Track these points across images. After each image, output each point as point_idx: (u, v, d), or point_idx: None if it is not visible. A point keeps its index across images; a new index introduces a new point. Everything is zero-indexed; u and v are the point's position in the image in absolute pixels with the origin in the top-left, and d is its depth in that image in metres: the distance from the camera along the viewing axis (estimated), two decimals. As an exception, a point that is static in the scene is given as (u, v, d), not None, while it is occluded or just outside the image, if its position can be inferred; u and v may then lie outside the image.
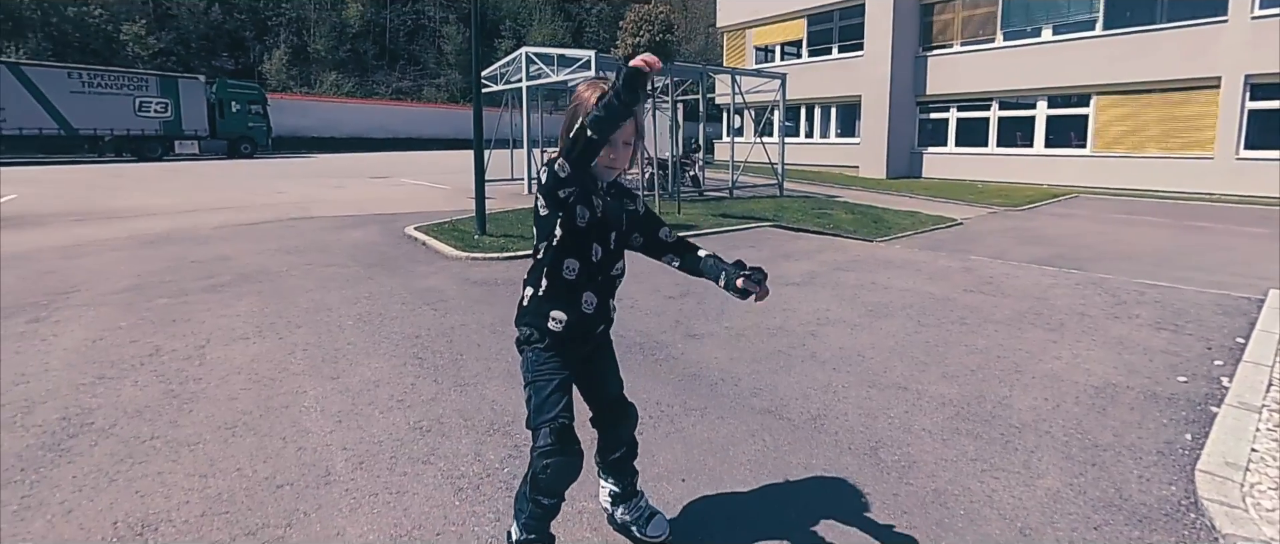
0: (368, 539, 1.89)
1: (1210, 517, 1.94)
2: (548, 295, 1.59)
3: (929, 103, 18.70)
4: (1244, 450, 2.31)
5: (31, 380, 3.06)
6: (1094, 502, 2.08)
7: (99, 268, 5.54)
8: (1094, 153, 15.82)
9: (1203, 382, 3.10)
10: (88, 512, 2.01)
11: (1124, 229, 9.02)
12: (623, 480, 1.84)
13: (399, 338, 3.70)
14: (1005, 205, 11.89)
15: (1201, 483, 2.11)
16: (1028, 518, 2.00)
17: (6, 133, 20.61)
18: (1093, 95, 15.75)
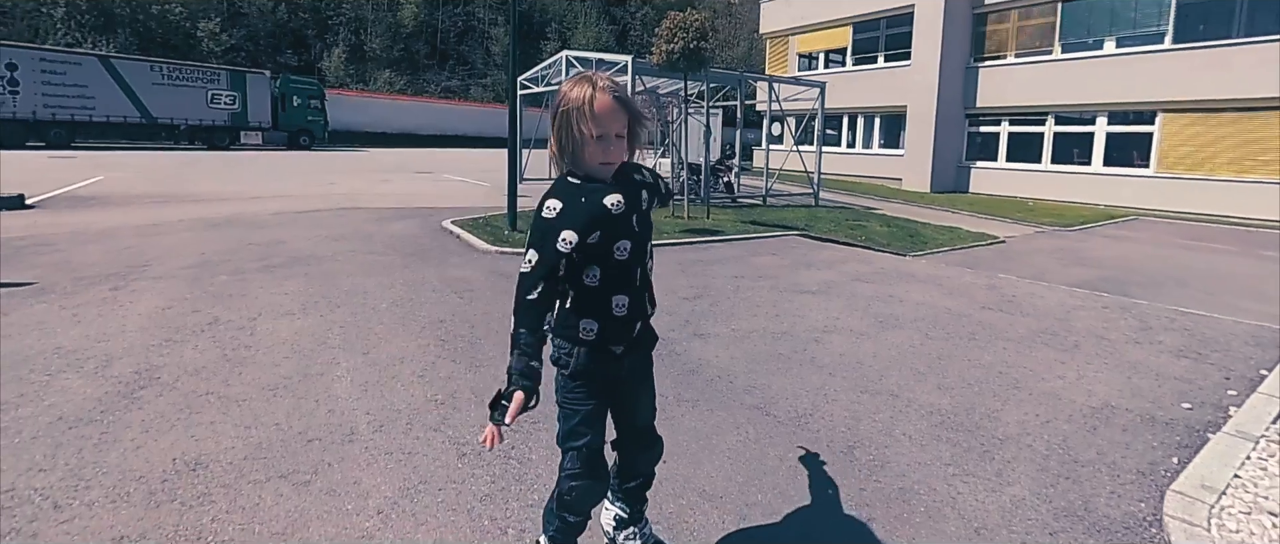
0: (380, 488, 2.15)
1: (1168, 533, 2.00)
2: (574, 306, 1.50)
3: (979, 115, 18.22)
4: (1226, 475, 2.33)
5: (111, 340, 3.49)
6: (1057, 511, 2.16)
7: (171, 246, 6.10)
8: (1158, 173, 15.10)
9: (1209, 410, 3.08)
10: (152, 449, 2.35)
11: (1183, 254, 8.61)
12: (632, 507, 1.78)
13: (426, 321, 4.01)
14: (1056, 225, 11.49)
15: (1170, 502, 2.16)
16: (986, 520, 2.10)
17: (96, 120, 22.39)
18: (1158, 112, 15.05)
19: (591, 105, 1.41)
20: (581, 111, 1.42)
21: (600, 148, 1.44)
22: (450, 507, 2.08)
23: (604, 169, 1.48)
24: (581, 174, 1.48)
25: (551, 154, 1.51)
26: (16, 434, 2.43)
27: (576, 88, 1.44)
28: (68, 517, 1.96)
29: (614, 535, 1.80)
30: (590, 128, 1.41)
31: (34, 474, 2.17)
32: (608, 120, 1.42)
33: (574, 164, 1.48)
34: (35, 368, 3.06)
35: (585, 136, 1.43)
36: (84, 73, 22.03)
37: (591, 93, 1.42)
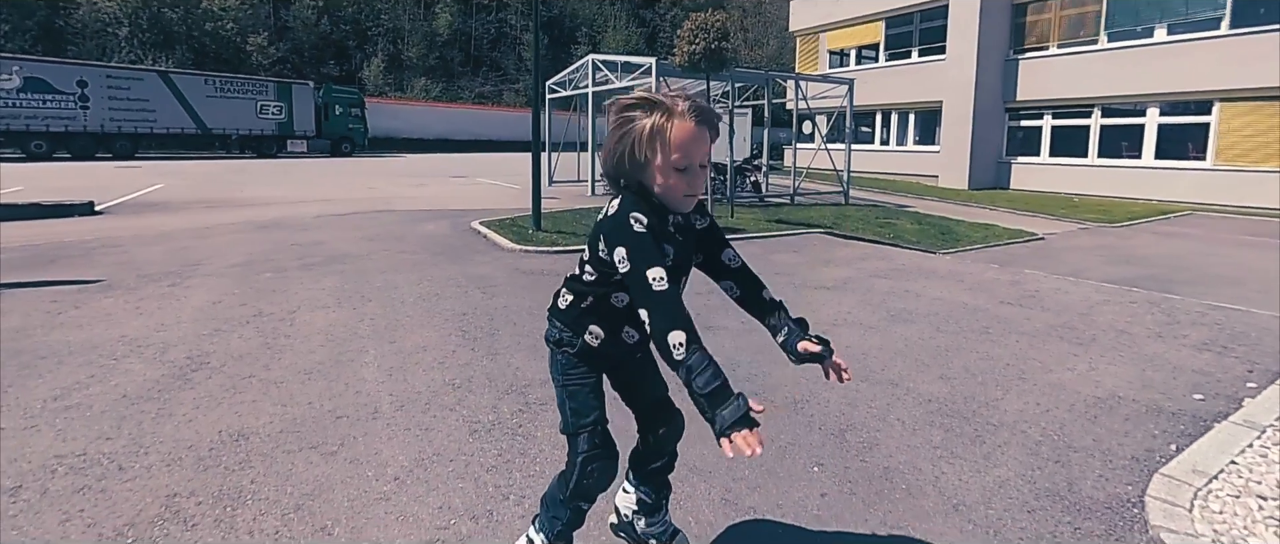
0: (397, 459, 2.36)
1: (1147, 512, 2.03)
2: (590, 310, 1.47)
3: (1019, 109, 17.68)
4: (1221, 461, 2.34)
5: (168, 329, 3.83)
6: (1040, 491, 2.22)
7: (221, 246, 6.55)
8: (1215, 166, 14.37)
9: (1221, 401, 3.04)
10: (201, 423, 2.62)
11: (1239, 251, 8.20)
12: (656, 491, 1.71)
13: (449, 314, 4.25)
14: (1101, 221, 11.07)
15: (1155, 484, 2.19)
16: (965, 497, 2.17)
17: (157, 132, 23.85)
18: (1215, 102, 14.33)
19: (676, 133, 1.24)
20: (663, 140, 1.25)
21: (685, 180, 1.28)
22: (459, 475, 2.27)
23: (687, 203, 1.34)
24: (655, 203, 1.32)
25: (604, 174, 1.37)
26: (88, 408, 2.74)
27: (654, 113, 1.26)
28: (130, 476, 2.23)
29: (631, 519, 1.74)
30: (674, 158, 1.26)
31: (102, 441, 2.46)
32: (694, 149, 1.26)
33: (641, 194, 1.33)
34: (104, 353, 3.41)
35: (666, 167, 1.27)
36: (146, 88, 23.50)
37: (673, 119, 1.25)
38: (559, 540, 1.58)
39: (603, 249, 1.32)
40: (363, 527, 1.98)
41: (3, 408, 2.72)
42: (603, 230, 1.33)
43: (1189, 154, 14.90)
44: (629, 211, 1.28)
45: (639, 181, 1.32)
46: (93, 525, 1.95)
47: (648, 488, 1.71)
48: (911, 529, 1.99)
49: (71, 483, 2.18)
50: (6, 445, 2.42)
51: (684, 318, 1.19)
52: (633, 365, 1.59)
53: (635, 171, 1.30)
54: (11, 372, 3.14)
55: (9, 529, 1.93)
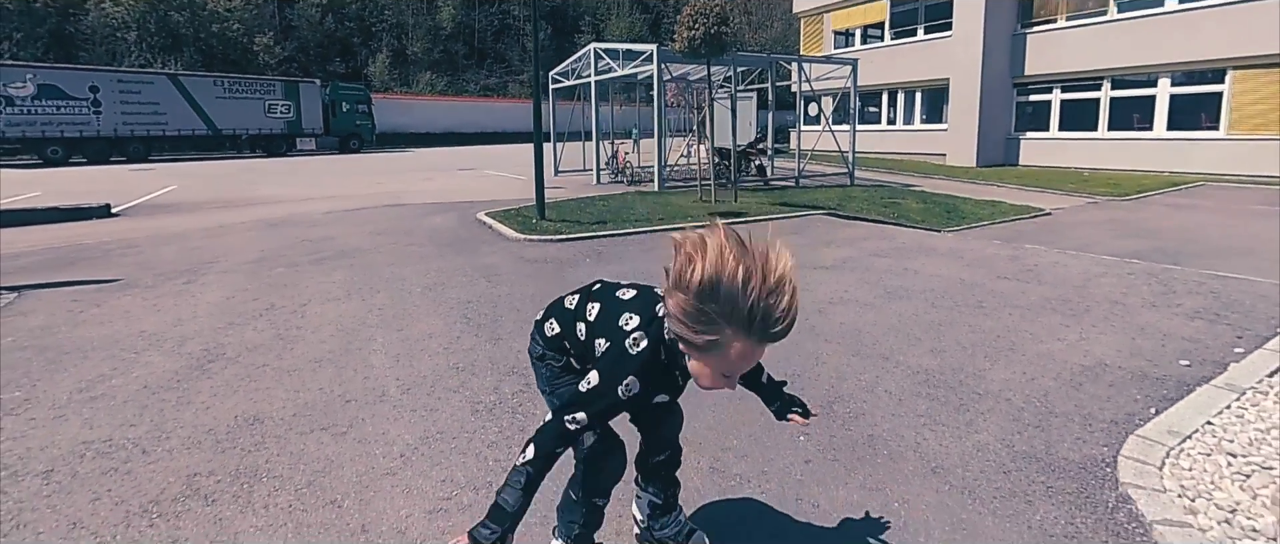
0: (403, 438, 2.49)
1: (1118, 471, 2.11)
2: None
3: (1028, 84, 17.46)
4: (1196, 423, 2.40)
5: (184, 324, 3.99)
6: (1017, 454, 2.30)
7: (234, 245, 6.73)
8: (1229, 136, 14.14)
9: (1208, 367, 3.09)
10: (219, 409, 2.77)
11: (1253, 222, 8.06)
12: (665, 490, 1.70)
13: (454, 302, 4.37)
14: (1111, 195, 10.94)
15: (1129, 445, 2.26)
16: (944, 460, 2.26)
17: (169, 134, 24.21)
18: (1229, 69, 14.06)
19: (737, 352, 1.12)
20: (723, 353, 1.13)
21: (722, 381, 1.20)
22: (462, 451, 2.39)
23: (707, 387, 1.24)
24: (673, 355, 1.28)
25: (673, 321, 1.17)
26: (112, 398, 2.90)
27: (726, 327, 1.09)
28: (154, 459, 2.37)
29: (649, 525, 1.72)
30: (724, 368, 1.17)
31: (126, 428, 2.62)
32: (746, 364, 1.17)
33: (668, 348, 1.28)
34: (124, 347, 3.57)
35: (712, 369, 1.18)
36: (156, 91, 23.83)
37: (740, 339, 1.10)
38: (580, 542, 1.57)
39: (598, 348, 1.38)
40: (371, 500, 2.10)
41: (33, 400, 2.89)
42: (606, 353, 1.33)
43: (1202, 124, 14.66)
44: (628, 374, 1.25)
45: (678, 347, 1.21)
46: (120, 503, 2.10)
47: (655, 488, 1.70)
48: (888, 492, 2.08)
49: (99, 466, 2.33)
50: (38, 435, 2.57)
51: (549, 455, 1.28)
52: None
53: (689, 354, 1.20)
54: (39, 367, 3.30)
55: (44, 508, 2.08)
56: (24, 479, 2.25)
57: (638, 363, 1.26)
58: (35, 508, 2.07)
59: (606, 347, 1.36)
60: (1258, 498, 1.93)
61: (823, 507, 2.01)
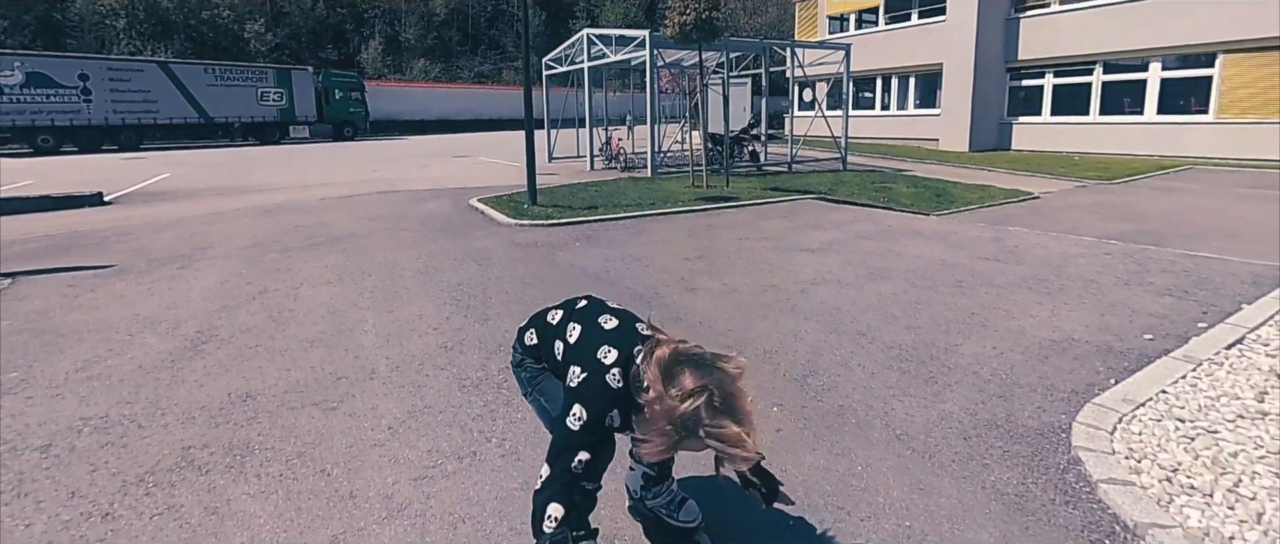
0: (392, 412, 2.58)
1: (1072, 436, 2.21)
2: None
3: (1021, 68, 17.48)
4: (1151, 391, 2.50)
5: (179, 307, 4.07)
6: (979, 422, 2.40)
7: (228, 231, 6.77)
8: (1218, 119, 14.23)
9: (1171, 340, 3.19)
10: (212, 388, 2.85)
11: (1239, 205, 8.13)
12: (658, 463, 1.71)
13: (445, 285, 4.45)
14: (1100, 179, 10.99)
15: (1085, 412, 2.36)
16: (909, 428, 2.36)
17: (160, 122, 24.04)
18: (1219, 53, 14.12)
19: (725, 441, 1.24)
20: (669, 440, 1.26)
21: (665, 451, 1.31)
22: (448, 424, 2.49)
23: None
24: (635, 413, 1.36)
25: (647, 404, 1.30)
26: (108, 378, 2.98)
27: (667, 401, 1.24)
28: (149, 433, 2.46)
29: (642, 495, 1.77)
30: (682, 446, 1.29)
31: (122, 405, 2.70)
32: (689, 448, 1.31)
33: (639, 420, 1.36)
34: (119, 330, 3.65)
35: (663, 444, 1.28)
36: (147, 79, 23.61)
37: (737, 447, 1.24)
38: (574, 525, 1.50)
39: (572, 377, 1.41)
40: (359, 469, 2.20)
41: (30, 380, 2.97)
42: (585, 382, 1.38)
43: (1191, 108, 14.74)
44: (614, 406, 1.36)
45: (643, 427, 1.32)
46: (117, 474, 2.19)
47: (647, 464, 1.73)
48: (854, 457, 2.19)
49: (96, 440, 2.42)
50: (36, 412, 2.66)
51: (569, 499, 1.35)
52: None
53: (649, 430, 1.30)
54: (36, 349, 3.38)
55: (44, 479, 2.17)
56: (23, 453, 2.33)
57: (620, 398, 1.35)
58: (35, 479, 2.16)
59: (583, 377, 1.39)
60: (1199, 458, 2.04)
61: (790, 471, 2.11)
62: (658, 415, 1.25)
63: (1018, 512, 1.88)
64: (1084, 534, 1.78)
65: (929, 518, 1.87)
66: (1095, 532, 1.79)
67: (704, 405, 1.21)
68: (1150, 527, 1.74)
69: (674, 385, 1.24)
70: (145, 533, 1.87)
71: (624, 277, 4.62)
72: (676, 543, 1.75)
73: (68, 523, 1.92)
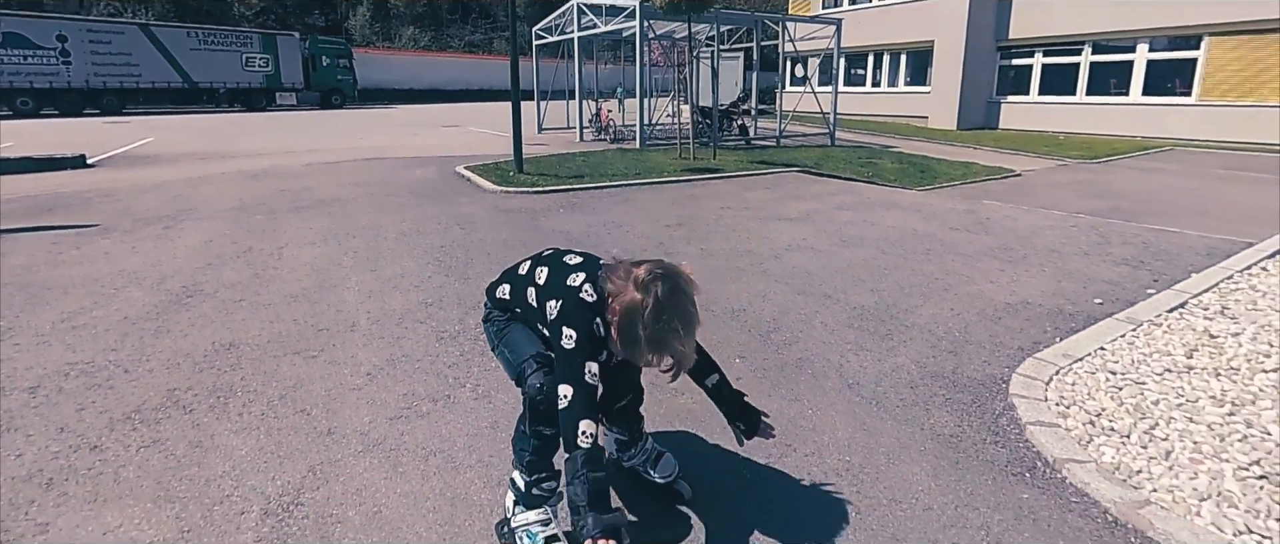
0: (371, 360, 2.69)
1: (1010, 386, 2.36)
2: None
3: (1011, 47, 17.49)
4: (1090, 347, 2.66)
5: (164, 264, 4.12)
6: (927, 373, 2.55)
7: (212, 194, 6.78)
8: (1201, 101, 14.38)
9: (1118, 304, 3.35)
10: (197, 337, 2.94)
11: (1214, 185, 8.30)
12: (629, 428, 1.81)
13: (429, 247, 4.53)
14: (1082, 158, 11.14)
15: (1026, 365, 2.51)
16: (860, 377, 2.50)
17: (143, 86, 23.54)
18: (1204, 36, 14.20)
19: (674, 351, 1.37)
20: (639, 348, 1.37)
21: (647, 366, 1.45)
22: (424, 371, 2.60)
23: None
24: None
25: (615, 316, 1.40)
26: (94, 328, 3.06)
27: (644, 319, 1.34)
28: (135, 378, 2.56)
29: (618, 456, 1.86)
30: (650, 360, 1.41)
31: (108, 352, 2.79)
32: (661, 362, 1.42)
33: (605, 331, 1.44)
34: (105, 284, 3.71)
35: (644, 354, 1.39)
36: (127, 41, 23.05)
37: (679, 344, 1.36)
38: (535, 470, 1.57)
39: (550, 311, 1.46)
40: (338, 409, 2.31)
41: (17, 329, 3.04)
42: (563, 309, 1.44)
43: (1175, 90, 14.88)
44: (595, 316, 1.42)
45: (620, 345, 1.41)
46: (104, 412, 2.29)
47: (619, 428, 1.82)
48: (805, 402, 2.33)
49: (83, 382, 2.51)
50: (22, 358, 2.74)
51: (597, 414, 1.43)
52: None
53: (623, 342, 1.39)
54: (21, 301, 3.44)
55: (32, 416, 2.26)
56: (12, 393, 2.42)
57: (598, 308, 1.42)
58: (24, 416, 2.26)
59: (560, 304, 1.45)
60: (1123, 405, 2.19)
61: (745, 414, 2.24)
62: (620, 313, 1.36)
63: (951, 449, 2.03)
64: (1007, 469, 1.93)
65: (868, 454, 2.01)
66: (1018, 467, 1.94)
67: (661, 289, 1.33)
68: (1067, 461, 1.89)
69: (631, 279, 1.37)
70: (132, 463, 1.98)
71: (604, 241, 4.71)
72: (659, 493, 1.82)
73: (57, 454, 2.03)
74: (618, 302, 1.37)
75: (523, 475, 1.58)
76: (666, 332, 1.34)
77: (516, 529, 1.56)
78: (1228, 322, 2.98)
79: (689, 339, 1.38)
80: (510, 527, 1.59)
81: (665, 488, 1.81)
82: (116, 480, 1.88)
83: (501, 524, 1.65)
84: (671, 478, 1.81)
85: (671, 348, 1.36)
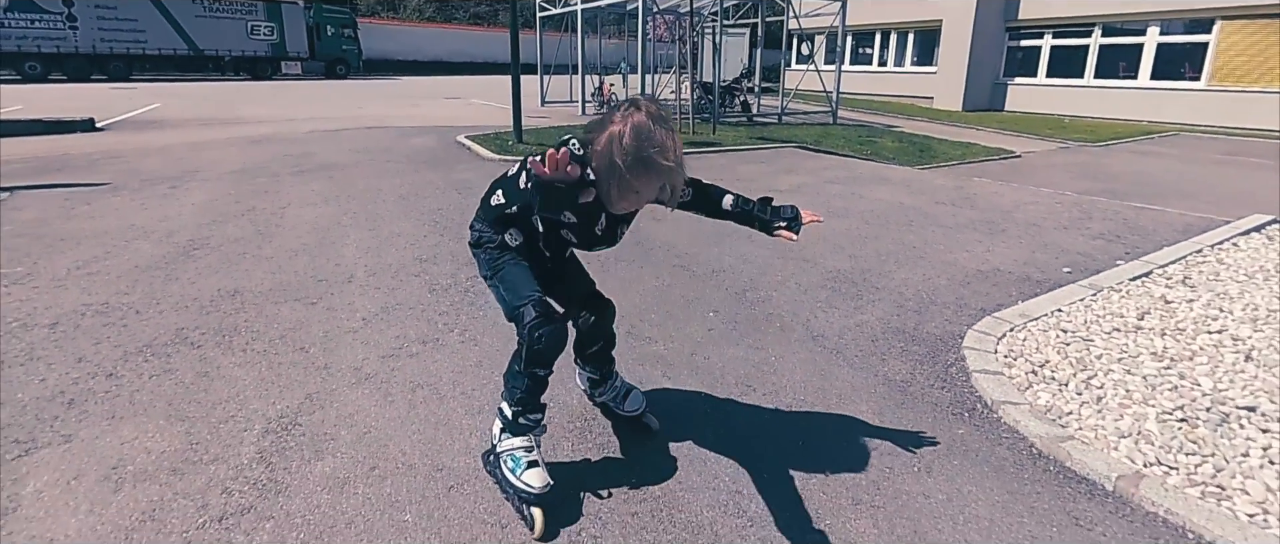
0: (367, 307, 2.85)
1: (964, 340, 2.51)
2: (514, 217, 1.58)
3: (1020, 28, 17.28)
4: (1047, 309, 2.79)
5: (171, 220, 4.29)
6: (889, 329, 2.69)
7: (217, 157, 6.92)
8: (1209, 86, 14.25)
9: (1086, 274, 3.47)
10: (203, 285, 3.11)
11: (1211, 169, 8.28)
12: (600, 369, 1.91)
13: (426, 209, 4.67)
14: (1084, 141, 11.09)
15: (983, 323, 2.66)
16: (824, 330, 2.65)
17: (149, 53, 23.58)
18: (1217, 19, 14.02)
19: (645, 184, 1.38)
20: (631, 186, 1.37)
21: (623, 200, 1.43)
22: (416, 317, 2.76)
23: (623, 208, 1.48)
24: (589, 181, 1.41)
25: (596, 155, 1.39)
26: (106, 275, 3.23)
27: (621, 145, 1.34)
28: (146, 318, 2.73)
29: (591, 392, 2.00)
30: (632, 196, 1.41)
31: (121, 296, 2.96)
32: (645, 189, 1.40)
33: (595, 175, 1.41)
34: (115, 237, 3.88)
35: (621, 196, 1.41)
36: (134, 8, 23.02)
37: (650, 174, 1.36)
38: (525, 404, 1.62)
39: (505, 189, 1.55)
40: (334, 349, 2.48)
41: (35, 275, 3.22)
42: (503, 186, 1.55)
43: (1185, 74, 14.73)
44: (521, 170, 1.45)
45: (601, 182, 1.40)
46: (118, 346, 2.46)
47: (591, 369, 1.92)
48: (769, 351, 2.48)
49: (98, 321, 2.69)
50: (41, 298, 2.91)
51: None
52: (556, 268, 1.73)
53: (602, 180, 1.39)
54: (37, 250, 3.61)
55: (52, 348, 2.44)
56: (33, 329, 2.60)
57: (584, 159, 1.38)
58: (44, 348, 2.44)
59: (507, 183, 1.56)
60: (1067, 358, 2.34)
61: (713, 360, 2.40)
62: (602, 147, 1.36)
63: (899, 393, 2.19)
64: (949, 409, 2.09)
65: (820, 394, 2.17)
66: (958, 408, 2.10)
67: (636, 117, 1.35)
68: (1003, 403, 2.04)
69: (609, 120, 1.39)
70: (145, 388, 2.16)
71: (597, 208, 4.84)
72: (630, 425, 1.96)
73: (76, 380, 2.21)
74: (599, 141, 1.37)
75: (512, 407, 1.63)
76: (647, 149, 1.33)
77: (502, 454, 1.64)
78: (1186, 290, 3.10)
79: (669, 159, 1.36)
80: (496, 452, 1.67)
81: (634, 421, 1.95)
82: (131, 402, 2.06)
83: (488, 454, 1.73)
84: (639, 411, 1.93)
85: (655, 166, 1.35)
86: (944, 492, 1.67)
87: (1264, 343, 2.47)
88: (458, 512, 1.58)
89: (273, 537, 1.48)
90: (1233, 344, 2.46)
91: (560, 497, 1.59)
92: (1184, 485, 1.65)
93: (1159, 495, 1.59)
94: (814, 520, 1.57)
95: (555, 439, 1.89)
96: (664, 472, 1.76)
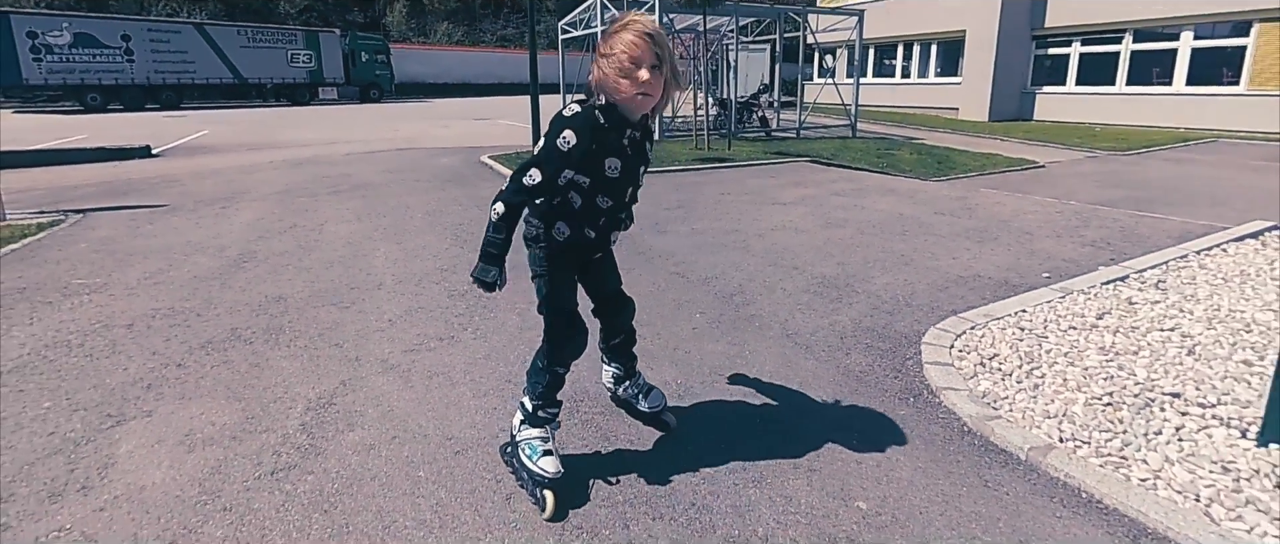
0: (393, 310, 3.23)
1: (922, 339, 2.74)
2: (558, 210, 1.68)
3: (1047, 36, 17.16)
4: (1012, 309, 3.00)
5: (223, 236, 4.79)
6: (860, 329, 2.94)
7: (262, 179, 7.51)
8: (1249, 91, 13.91)
9: (1063, 279, 3.64)
10: (252, 292, 3.54)
11: (1243, 175, 8.05)
12: (624, 363, 2.09)
13: (449, 224, 5.08)
14: (1114, 150, 10.76)
15: (947, 321, 2.88)
16: (798, 328, 2.91)
17: (198, 82, 25.09)
18: (1255, 21, 13.74)
19: (624, 45, 1.51)
20: (615, 56, 1.51)
21: (631, 84, 1.53)
22: (436, 319, 3.13)
23: (643, 104, 1.58)
24: (611, 112, 1.58)
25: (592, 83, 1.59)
26: (171, 284, 3.70)
27: (614, 30, 1.53)
28: (206, 319, 3.15)
29: (614, 389, 2.16)
30: (623, 67, 1.52)
31: (184, 301, 3.41)
32: (641, 57, 1.51)
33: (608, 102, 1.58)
34: (177, 252, 4.38)
35: (618, 75, 1.52)
36: (184, 40, 24.58)
37: (624, 34, 1.51)
38: (545, 399, 1.79)
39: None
40: (364, 344, 2.85)
41: (110, 285, 3.70)
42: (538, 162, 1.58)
43: (1222, 79, 14.42)
44: (564, 128, 1.55)
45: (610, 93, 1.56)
46: (184, 342, 2.88)
47: (617, 363, 2.10)
48: (745, 346, 2.76)
49: (166, 323, 3.12)
50: (118, 304, 3.37)
51: (513, 206, 1.61)
52: (594, 266, 1.89)
53: (609, 87, 1.55)
54: (111, 264, 4.12)
55: (130, 344, 2.87)
56: (113, 329, 3.05)
57: (569, 120, 1.54)
58: (125, 344, 2.87)
59: (556, 115, 1.62)
60: (1017, 352, 2.56)
61: (692, 354, 2.69)
62: (604, 55, 1.54)
63: (855, 381, 2.44)
64: (896, 394, 2.33)
65: (784, 380, 2.44)
66: (905, 393, 2.34)
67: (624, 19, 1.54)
68: (945, 390, 2.28)
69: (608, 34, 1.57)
70: (208, 376, 2.55)
71: (606, 221, 5.17)
72: (648, 422, 2.13)
73: (152, 368, 2.62)
74: (600, 58, 1.56)
75: (533, 401, 1.79)
76: (622, 20, 1.53)
77: (520, 442, 1.81)
78: (1156, 293, 3.26)
79: (643, 18, 1.53)
80: (515, 442, 1.84)
81: (653, 418, 2.12)
82: (197, 386, 2.46)
83: (506, 445, 1.93)
84: (659, 409, 2.09)
85: (632, 25, 1.52)
86: (875, 460, 1.92)
87: (1212, 340, 2.64)
88: (463, 471, 1.90)
89: (313, 487, 1.82)
90: (1180, 340, 2.64)
91: (570, 483, 1.77)
92: (1090, 456, 1.87)
93: (1063, 464, 1.82)
94: (758, 483, 1.84)
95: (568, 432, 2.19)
96: (650, 453, 2.06)
